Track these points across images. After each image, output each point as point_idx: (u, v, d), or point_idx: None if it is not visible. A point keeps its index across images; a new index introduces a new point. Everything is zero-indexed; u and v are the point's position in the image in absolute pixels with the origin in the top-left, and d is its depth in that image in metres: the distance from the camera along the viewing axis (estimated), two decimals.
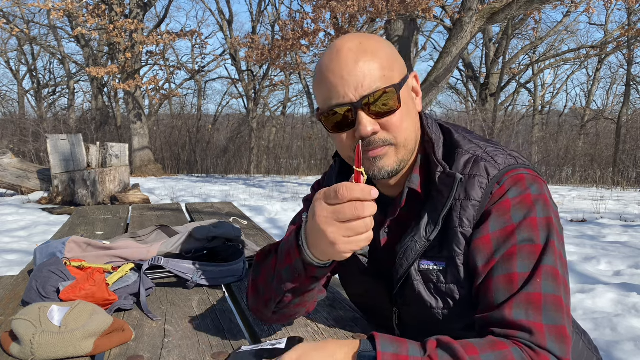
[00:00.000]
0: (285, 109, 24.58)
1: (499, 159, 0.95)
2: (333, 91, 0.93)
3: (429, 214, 0.97)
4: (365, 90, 0.91)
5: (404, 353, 0.76)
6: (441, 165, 0.96)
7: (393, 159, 0.97)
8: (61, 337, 0.96)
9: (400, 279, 1.01)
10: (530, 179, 0.93)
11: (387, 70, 0.93)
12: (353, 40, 0.94)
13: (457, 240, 0.94)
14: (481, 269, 0.90)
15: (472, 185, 0.93)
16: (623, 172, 14.09)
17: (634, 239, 5.41)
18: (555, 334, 0.82)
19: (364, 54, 0.92)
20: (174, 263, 1.39)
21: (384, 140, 0.95)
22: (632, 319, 2.91)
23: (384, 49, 0.96)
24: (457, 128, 1.04)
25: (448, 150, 0.99)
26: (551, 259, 0.86)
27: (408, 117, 0.96)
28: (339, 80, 0.92)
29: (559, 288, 0.85)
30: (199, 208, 3.02)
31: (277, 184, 12.67)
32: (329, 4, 9.34)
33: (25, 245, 5.00)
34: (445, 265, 0.96)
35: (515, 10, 7.94)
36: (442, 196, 0.95)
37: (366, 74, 0.91)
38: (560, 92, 36.13)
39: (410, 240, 0.98)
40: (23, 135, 15.86)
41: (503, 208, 0.91)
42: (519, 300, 0.84)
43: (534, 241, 0.88)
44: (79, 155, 7.72)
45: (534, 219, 0.89)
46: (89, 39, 18.07)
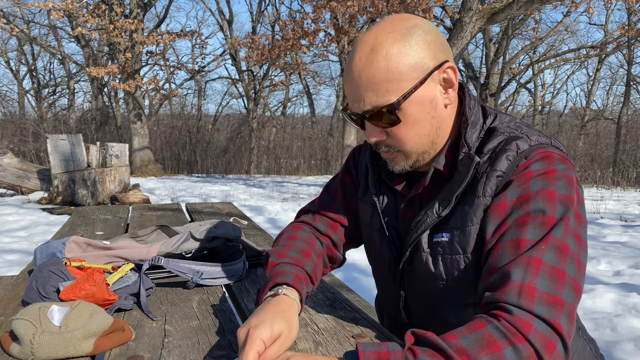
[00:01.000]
0: (285, 109, 24.60)
1: (533, 136, 0.96)
2: (347, 94, 0.99)
3: (445, 192, 1.00)
4: (365, 106, 0.95)
5: (384, 349, 0.77)
6: (467, 146, 0.98)
7: (403, 162, 1.02)
8: (61, 337, 0.96)
9: (408, 247, 1.04)
10: (559, 159, 0.92)
11: (392, 83, 0.92)
12: (367, 44, 0.93)
13: (476, 209, 0.95)
14: (492, 234, 0.90)
15: (499, 158, 0.94)
16: (623, 172, 14.09)
17: (634, 239, 5.41)
18: (548, 300, 0.79)
19: (369, 66, 0.92)
20: (174, 263, 1.39)
21: (389, 147, 1.00)
22: (632, 319, 2.91)
23: (399, 53, 0.92)
24: (502, 114, 1.04)
25: (487, 134, 1.00)
26: (561, 232, 0.85)
27: (415, 127, 0.97)
28: (349, 87, 0.97)
29: (563, 263, 0.83)
30: (199, 208, 3.02)
31: (277, 184, 12.67)
32: (329, 4, 9.35)
33: (25, 245, 5.00)
34: (451, 236, 0.98)
35: (515, 10, 7.94)
36: (460, 176, 0.97)
37: (367, 88, 0.93)
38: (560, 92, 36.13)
39: (424, 214, 1.02)
40: (23, 135, 15.86)
41: (524, 177, 0.91)
42: (519, 261, 0.83)
43: (547, 212, 0.87)
44: (79, 155, 7.72)
45: (552, 192, 0.88)
46: (89, 39, 18.07)
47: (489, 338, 0.76)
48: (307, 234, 1.20)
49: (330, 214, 1.23)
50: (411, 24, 0.94)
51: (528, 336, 0.76)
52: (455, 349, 0.75)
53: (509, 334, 0.77)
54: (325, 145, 20.02)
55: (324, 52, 13.43)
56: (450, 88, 0.98)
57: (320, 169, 18.20)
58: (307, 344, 1.02)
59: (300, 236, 1.18)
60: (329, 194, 1.26)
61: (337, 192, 1.25)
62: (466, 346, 0.76)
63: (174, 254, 1.50)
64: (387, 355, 0.76)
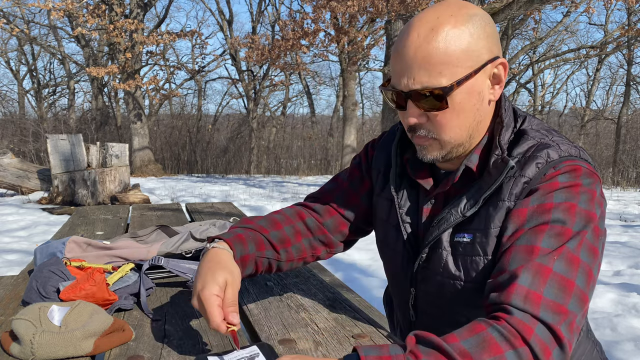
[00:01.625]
0: (285, 109, 24.60)
1: (564, 146, 0.95)
2: (394, 71, 0.95)
3: (473, 192, 0.99)
4: (415, 85, 0.92)
5: (385, 353, 0.77)
6: (501, 148, 0.97)
7: (437, 152, 0.99)
8: (61, 337, 0.96)
9: (428, 244, 1.03)
10: (587, 173, 0.92)
11: (447, 66, 0.90)
12: (427, 23, 0.91)
13: (500, 213, 0.95)
14: (508, 237, 0.90)
15: (529, 164, 0.93)
16: (623, 172, 14.09)
17: (634, 239, 5.41)
18: (553, 308, 0.79)
19: (427, 44, 0.89)
20: (174, 263, 1.39)
21: (427, 132, 0.97)
22: (632, 319, 2.91)
23: (459, 37, 0.90)
24: (531, 117, 1.04)
25: (517, 137, 1.00)
26: (574, 245, 0.85)
27: (460, 116, 0.95)
28: (399, 64, 0.93)
29: (573, 273, 0.83)
30: (199, 208, 3.02)
31: (277, 184, 12.67)
32: (329, 4, 9.35)
33: (25, 245, 5.00)
34: (473, 237, 0.98)
35: (515, 10, 7.95)
36: (491, 178, 0.96)
37: (421, 67, 0.90)
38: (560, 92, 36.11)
39: (447, 212, 1.01)
40: (23, 135, 15.86)
41: (549, 187, 0.91)
42: (529, 266, 0.83)
43: (566, 224, 0.87)
44: (79, 155, 7.72)
45: (574, 205, 0.88)
46: (89, 39, 18.07)
47: (490, 341, 0.76)
48: (293, 211, 1.21)
49: (329, 201, 1.23)
50: (473, 11, 0.93)
51: (529, 340, 0.76)
52: (459, 351, 0.75)
53: (510, 336, 0.77)
54: (325, 145, 20.02)
55: (324, 52, 13.43)
56: (497, 84, 0.97)
57: (320, 169, 18.20)
58: (307, 344, 1.02)
59: (282, 211, 1.21)
60: (335, 181, 1.27)
61: (343, 182, 1.25)
62: (469, 349, 0.76)
63: (174, 254, 1.50)
64: (389, 358, 0.75)
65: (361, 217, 1.22)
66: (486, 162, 0.99)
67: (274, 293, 1.35)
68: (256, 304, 1.27)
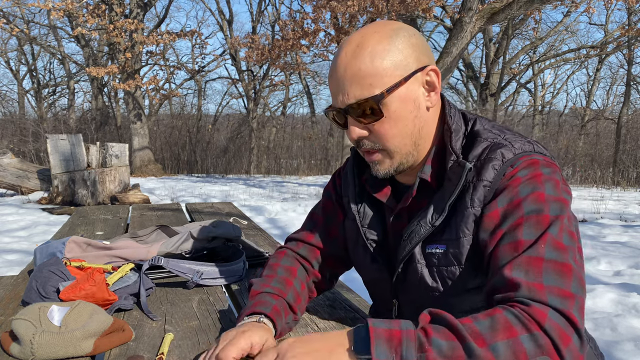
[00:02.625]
0: (285, 109, 24.60)
1: (517, 144, 0.96)
2: (332, 92, 1.00)
3: (437, 201, 0.99)
4: (349, 99, 0.96)
5: (395, 327, 0.77)
6: (455, 154, 0.98)
7: (388, 164, 1.01)
8: (61, 337, 0.96)
9: (402, 259, 1.04)
10: (545, 163, 0.94)
11: (376, 77, 0.94)
12: (353, 42, 0.96)
13: (467, 220, 0.95)
14: (489, 242, 0.91)
15: (485, 168, 0.94)
16: (623, 172, 14.09)
17: (634, 239, 5.41)
18: (558, 293, 0.79)
19: (355, 60, 0.94)
20: (174, 263, 1.39)
21: (372, 145, 1.00)
22: (632, 319, 2.91)
23: (384, 49, 0.95)
24: (481, 119, 1.05)
25: (469, 140, 1.01)
26: (556, 231, 0.85)
27: (399, 124, 0.97)
28: (333, 84, 0.98)
29: (565, 256, 0.83)
30: (199, 208, 3.02)
31: (277, 184, 12.67)
32: (329, 4, 9.35)
33: (25, 245, 5.00)
34: (446, 247, 0.98)
35: (515, 10, 7.94)
36: (452, 184, 0.97)
37: (352, 82, 0.95)
38: (560, 92, 36.15)
39: (417, 224, 1.01)
40: (23, 135, 15.86)
41: (512, 184, 0.92)
42: (519, 261, 0.83)
43: (542, 212, 0.87)
44: (79, 155, 7.72)
45: (542, 193, 0.89)
46: (89, 39, 18.07)
47: (505, 323, 0.76)
48: (290, 259, 1.20)
49: (312, 241, 1.22)
50: (396, 26, 0.97)
51: (544, 325, 0.75)
52: (471, 331, 0.75)
53: (525, 320, 0.76)
54: (325, 145, 20.01)
55: (324, 52, 13.42)
56: (432, 91, 1.00)
57: (320, 169, 18.20)
58: None
59: (282, 264, 1.18)
60: (312, 220, 1.26)
61: (319, 218, 1.24)
62: (481, 330, 0.75)
63: (174, 254, 1.50)
64: (399, 334, 0.76)
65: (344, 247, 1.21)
66: (441, 171, 1.00)
67: None
68: None
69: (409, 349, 0.74)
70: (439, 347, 0.74)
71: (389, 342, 0.75)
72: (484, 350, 0.73)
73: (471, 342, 0.73)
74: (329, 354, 0.79)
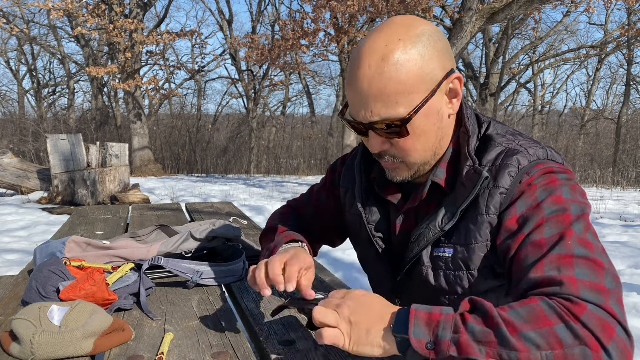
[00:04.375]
0: (285, 109, 24.60)
1: (532, 150, 0.96)
2: (351, 103, 0.95)
3: (448, 205, 0.98)
4: (373, 117, 0.92)
5: (436, 311, 0.79)
6: (472, 159, 0.96)
7: (405, 173, 1.01)
8: (61, 337, 0.96)
9: (409, 262, 1.03)
10: (560, 170, 0.93)
11: (403, 95, 0.89)
12: (377, 52, 0.89)
13: (481, 227, 0.94)
14: (511, 247, 0.89)
15: (502, 174, 0.93)
16: (623, 172, 14.09)
17: (634, 239, 5.41)
18: (591, 287, 0.77)
19: (380, 77, 0.88)
20: (174, 263, 1.39)
21: (393, 157, 0.98)
22: (632, 319, 2.91)
23: (410, 62, 0.89)
24: (495, 123, 1.04)
25: (483, 143, 0.99)
26: (580, 228, 0.84)
27: (422, 139, 0.95)
28: (355, 96, 0.93)
29: (594, 254, 0.81)
30: (199, 208, 3.02)
31: (277, 184, 12.67)
32: (329, 4, 9.34)
33: (25, 245, 5.00)
34: (454, 252, 0.97)
35: (515, 10, 7.94)
36: (466, 190, 0.95)
37: (377, 99, 0.90)
38: (560, 92, 36.13)
39: (426, 227, 1.00)
40: (23, 135, 15.85)
41: (529, 191, 0.91)
42: (549, 259, 0.82)
43: (563, 211, 0.86)
44: (79, 155, 7.72)
45: (560, 197, 0.89)
46: (89, 39, 18.07)
47: (540, 313, 0.75)
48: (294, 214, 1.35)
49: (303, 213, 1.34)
50: (421, 30, 0.91)
51: (581, 317, 0.73)
52: (504, 318, 0.75)
53: (561, 311, 0.75)
54: (325, 145, 20.01)
55: (324, 52, 13.43)
56: (455, 98, 0.96)
57: (320, 169, 18.19)
58: (307, 344, 1.02)
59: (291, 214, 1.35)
60: (309, 194, 1.36)
61: (313, 197, 1.33)
62: (515, 318, 0.75)
63: (174, 254, 1.49)
64: (438, 317, 0.78)
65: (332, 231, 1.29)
66: (455, 175, 0.99)
67: (274, 293, 1.35)
68: (256, 304, 1.27)
69: (445, 330, 0.76)
70: (472, 330, 0.75)
71: (427, 325, 0.78)
72: (516, 337, 0.73)
73: (504, 328, 0.74)
74: (367, 331, 0.82)
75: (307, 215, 1.32)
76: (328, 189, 1.28)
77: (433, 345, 0.76)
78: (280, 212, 1.36)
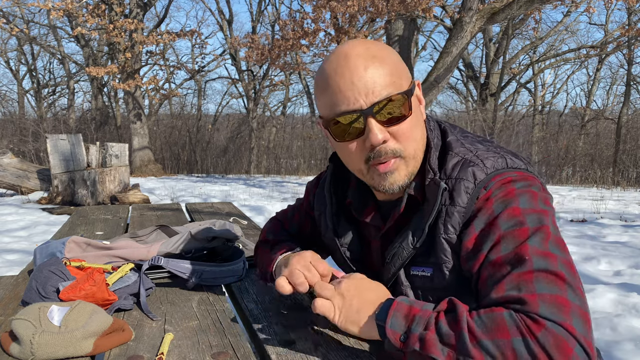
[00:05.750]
0: (285, 109, 24.59)
1: (489, 161, 0.94)
2: (341, 97, 0.91)
3: (417, 222, 0.97)
4: (375, 97, 0.89)
5: (417, 305, 0.84)
6: (432, 171, 0.96)
7: (404, 173, 0.97)
8: (61, 337, 0.96)
9: (388, 282, 1.03)
10: (519, 178, 0.92)
11: (395, 77, 0.93)
12: (359, 46, 0.94)
13: (442, 247, 0.94)
14: (473, 266, 0.89)
15: (458, 191, 0.92)
16: (623, 172, 14.09)
17: (634, 239, 5.41)
18: (552, 302, 0.76)
19: (373, 60, 0.91)
20: (174, 263, 1.39)
21: (394, 151, 0.94)
22: (632, 319, 2.91)
23: (390, 55, 0.95)
24: (454, 129, 1.03)
25: (441, 153, 0.99)
26: (538, 240, 0.83)
27: (417, 126, 0.97)
28: (348, 85, 0.90)
29: (554, 265, 0.80)
30: (199, 208, 3.02)
31: (277, 184, 12.67)
32: (329, 4, 9.34)
33: (25, 245, 5.00)
34: (433, 271, 0.97)
35: (515, 10, 7.94)
36: (429, 204, 0.95)
37: (376, 80, 0.90)
38: (560, 92, 36.14)
39: (399, 246, 0.99)
40: (23, 135, 15.85)
41: (486, 206, 0.90)
42: (509, 279, 0.81)
43: (520, 225, 0.85)
44: (78, 155, 7.72)
45: (516, 208, 0.87)
46: (88, 38, 18.06)
47: (501, 323, 0.76)
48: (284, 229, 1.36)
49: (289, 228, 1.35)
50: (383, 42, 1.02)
51: (538, 334, 0.73)
52: (468, 324, 0.78)
53: (522, 325, 0.75)
54: (325, 145, 20.01)
55: (324, 52, 13.42)
56: (421, 104, 1.01)
57: (320, 168, 18.19)
58: (307, 344, 1.02)
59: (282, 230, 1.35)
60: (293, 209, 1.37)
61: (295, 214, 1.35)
62: (477, 325, 0.77)
63: (174, 254, 1.49)
64: (417, 311, 0.82)
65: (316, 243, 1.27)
66: (424, 187, 0.99)
67: (274, 293, 1.35)
68: (256, 304, 1.27)
69: (418, 325, 0.80)
70: (440, 330, 0.78)
71: (405, 317, 0.83)
72: (473, 345, 0.76)
73: (465, 334, 0.76)
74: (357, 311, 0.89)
75: (292, 231, 1.34)
76: (305, 210, 1.29)
77: (405, 338, 0.80)
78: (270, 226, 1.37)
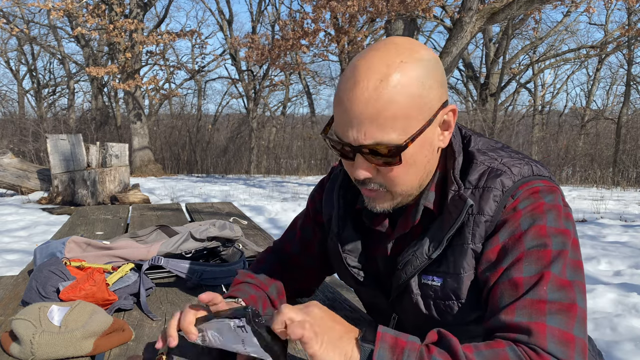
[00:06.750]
0: (285, 109, 24.59)
1: (515, 169, 0.92)
2: (340, 122, 0.87)
3: (435, 232, 0.95)
4: (365, 140, 0.85)
5: (402, 337, 0.78)
6: (457, 184, 0.93)
7: (388, 203, 0.95)
8: (61, 337, 0.96)
9: (397, 289, 1.01)
10: (546, 190, 0.90)
11: (400, 120, 0.84)
12: (376, 73, 0.83)
13: (466, 256, 0.92)
14: (489, 278, 0.88)
15: (486, 199, 0.90)
16: (623, 172, 14.09)
17: (634, 239, 5.41)
18: (560, 338, 0.77)
19: (378, 98, 0.82)
20: (174, 263, 1.39)
21: (379, 184, 0.92)
22: (632, 319, 2.91)
23: (410, 86, 0.83)
24: (475, 137, 1.00)
25: (465, 162, 0.96)
26: (559, 267, 0.83)
27: (411, 170, 0.90)
28: (346, 115, 0.85)
29: (568, 296, 0.81)
30: (199, 208, 3.02)
31: (277, 184, 12.67)
32: (329, 4, 9.34)
33: (25, 245, 5.00)
34: (443, 281, 0.95)
35: (515, 10, 7.94)
36: (451, 217, 0.92)
37: (372, 121, 0.83)
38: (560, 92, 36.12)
39: (412, 254, 0.97)
40: (23, 135, 15.85)
41: (513, 218, 0.88)
42: (522, 304, 0.81)
43: (543, 247, 0.85)
44: (79, 155, 7.72)
45: (543, 226, 0.86)
46: (89, 38, 18.06)
47: (504, 358, 0.76)
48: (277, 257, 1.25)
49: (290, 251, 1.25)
50: (421, 55, 0.86)
51: None
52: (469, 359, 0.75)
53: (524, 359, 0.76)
54: (325, 145, 20.00)
55: (324, 52, 13.44)
56: (446, 130, 0.92)
57: (320, 169, 18.19)
58: None
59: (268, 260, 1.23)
60: (292, 230, 1.28)
61: (297, 232, 1.26)
62: None
63: (173, 254, 1.50)
64: (404, 343, 0.77)
65: (320, 263, 1.22)
66: (442, 197, 0.96)
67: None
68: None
69: (410, 358, 0.75)
70: None
71: (392, 349, 0.77)
72: None
73: None
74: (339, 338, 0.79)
75: (293, 252, 1.25)
76: (312, 218, 1.22)
77: None
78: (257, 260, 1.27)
